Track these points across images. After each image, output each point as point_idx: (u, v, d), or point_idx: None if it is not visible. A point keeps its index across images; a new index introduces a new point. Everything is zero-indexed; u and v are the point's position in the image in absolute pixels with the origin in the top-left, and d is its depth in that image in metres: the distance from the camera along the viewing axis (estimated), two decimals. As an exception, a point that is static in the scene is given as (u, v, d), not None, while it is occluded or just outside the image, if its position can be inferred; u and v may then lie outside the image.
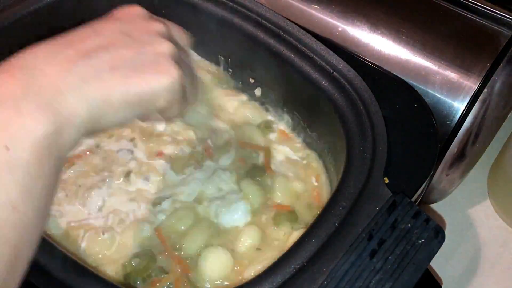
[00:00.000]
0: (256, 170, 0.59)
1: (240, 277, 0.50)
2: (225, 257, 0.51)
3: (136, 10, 0.44)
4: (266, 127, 0.64)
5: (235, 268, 0.51)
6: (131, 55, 0.39)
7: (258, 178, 0.58)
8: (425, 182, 0.50)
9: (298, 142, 0.63)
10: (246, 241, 0.52)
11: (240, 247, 0.52)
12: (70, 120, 0.35)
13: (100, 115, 0.37)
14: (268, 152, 0.61)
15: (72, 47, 0.37)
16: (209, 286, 0.50)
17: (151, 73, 0.39)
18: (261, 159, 0.60)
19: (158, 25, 0.43)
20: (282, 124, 0.64)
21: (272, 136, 0.63)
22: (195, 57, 0.67)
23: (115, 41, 0.39)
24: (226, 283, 0.50)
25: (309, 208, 0.56)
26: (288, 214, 0.55)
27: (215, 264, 0.50)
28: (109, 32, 0.40)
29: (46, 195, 0.34)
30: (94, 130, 0.38)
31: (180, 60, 0.42)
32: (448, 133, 0.55)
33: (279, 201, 0.57)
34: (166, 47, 0.41)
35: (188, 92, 0.43)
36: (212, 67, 0.67)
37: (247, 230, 0.53)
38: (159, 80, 0.39)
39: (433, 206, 0.68)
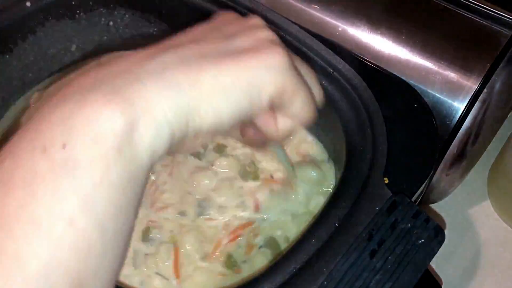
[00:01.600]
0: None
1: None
2: None
3: (231, 15, 0.38)
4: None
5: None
6: (224, 44, 0.32)
7: None
8: (425, 182, 0.50)
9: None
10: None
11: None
12: (149, 113, 0.27)
13: (191, 106, 0.29)
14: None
15: (155, 46, 0.32)
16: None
17: (248, 54, 0.32)
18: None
19: (253, 20, 0.37)
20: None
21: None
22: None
23: (205, 36, 0.33)
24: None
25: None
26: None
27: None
28: (199, 30, 0.35)
29: (116, 215, 0.26)
30: (187, 131, 0.30)
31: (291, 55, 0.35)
32: (448, 133, 0.55)
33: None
34: (264, 33, 0.35)
35: (309, 83, 0.37)
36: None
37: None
38: (258, 59, 0.32)
39: (433, 206, 0.68)
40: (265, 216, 0.54)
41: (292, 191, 0.55)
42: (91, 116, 0.26)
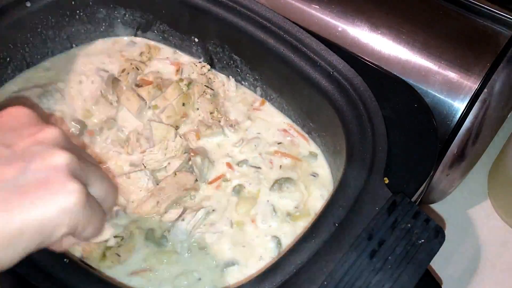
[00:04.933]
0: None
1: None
2: None
3: (21, 113, 0.35)
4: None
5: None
6: (13, 174, 0.30)
7: None
8: (425, 182, 0.50)
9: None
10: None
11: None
12: None
13: None
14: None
15: None
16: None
17: (40, 195, 0.30)
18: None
19: (49, 131, 0.33)
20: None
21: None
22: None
23: None
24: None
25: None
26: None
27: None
28: None
29: None
30: None
31: (84, 168, 0.34)
32: (448, 133, 0.55)
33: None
34: (60, 159, 0.32)
35: (104, 202, 0.35)
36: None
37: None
38: (52, 202, 0.30)
39: (433, 206, 0.68)
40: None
41: None
42: None
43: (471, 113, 0.54)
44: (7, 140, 0.32)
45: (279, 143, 0.61)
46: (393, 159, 0.49)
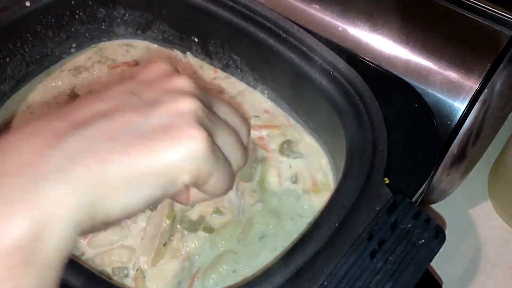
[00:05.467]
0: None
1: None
2: None
3: (160, 67, 0.35)
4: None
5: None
6: (137, 120, 0.30)
7: None
8: (426, 182, 0.50)
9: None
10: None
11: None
12: (54, 216, 0.26)
13: (97, 202, 0.28)
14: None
15: (64, 119, 0.29)
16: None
17: (163, 140, 0.30)
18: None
19: (179, 80, 0.33)
20: (282, 124, 0.64)
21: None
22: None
23: (120, 104, 0.31)
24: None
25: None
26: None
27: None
28: (116, 94, 0.32)
29: None
30: (93, 224, 0.28)
31: (212, 119, 0.33)
32: (449, 133, 0.55)
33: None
34: (186, 105, 0.31)
35: (231, 154, 0.34)
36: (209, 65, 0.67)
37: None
38: (174, 148, 0.30)
39: (433, 206, 0.68)
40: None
41: None
42: None
43: (471, 113, 0.54)
44: (138, 90, 0.32)
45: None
46: (393, 159, 0.49)
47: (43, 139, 0.27)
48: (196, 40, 0.66)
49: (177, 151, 0.30)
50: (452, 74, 0.56)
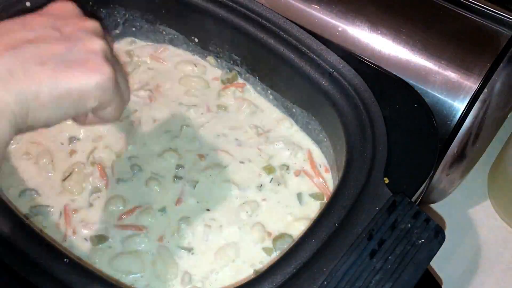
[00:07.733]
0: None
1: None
2: None
3: (69, 6, 0.43)
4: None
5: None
6: (61, 51, 0.38)
7: None
8: (425, 182, 0.50)
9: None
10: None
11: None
12: (0, 112, 0.34)
13: (29, 110, 0.35)
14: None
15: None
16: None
17: (82, 70, 0.38)
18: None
19: (90, 23, 0.42)
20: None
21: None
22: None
23: (45, 36, 0.38)
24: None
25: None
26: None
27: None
28: (39, 26, 0.39)
29: None
30: (24, 126, 0.36)
31: (112, 59, 0.41)
32: (448, 133, 0.55)
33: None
34: (98, 44, 0.40)
35: (123, 91, 0.43)
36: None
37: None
38: (89, 77, 0.38)
39: (433, 206, 0.68)
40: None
41: None
42: None
43: (471, 113, 0.54)
44: (57, 25, 0.40)
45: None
46: (393, 159, 0.49)
47: None
48: (196, 40, 0.66)
49: (91, 81, 0.38)
50: (451, 74, 0.56)
